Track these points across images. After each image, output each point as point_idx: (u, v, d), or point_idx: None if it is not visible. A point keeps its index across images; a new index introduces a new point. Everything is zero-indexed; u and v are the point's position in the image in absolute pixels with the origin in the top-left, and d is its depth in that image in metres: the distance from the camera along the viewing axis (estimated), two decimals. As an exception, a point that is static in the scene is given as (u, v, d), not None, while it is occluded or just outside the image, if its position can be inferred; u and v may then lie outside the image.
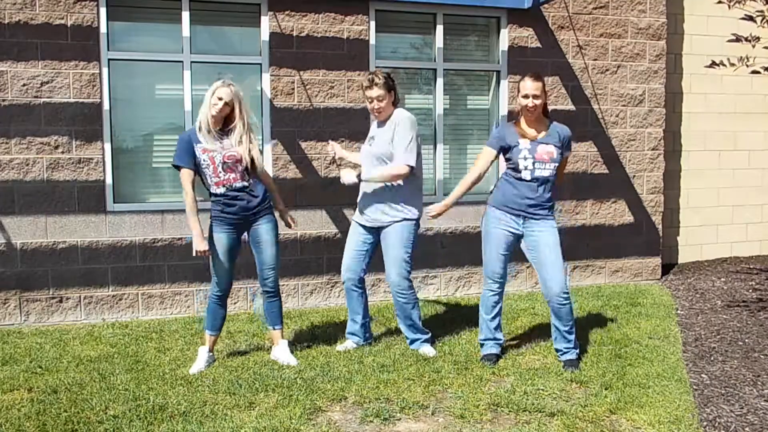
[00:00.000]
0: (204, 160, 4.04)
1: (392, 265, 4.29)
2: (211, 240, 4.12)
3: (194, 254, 4.05)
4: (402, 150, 4.18)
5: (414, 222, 4.32)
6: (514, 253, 4.25)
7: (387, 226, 4.30)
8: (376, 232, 4.39)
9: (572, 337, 4.15)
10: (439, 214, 4.28)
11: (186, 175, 4.04)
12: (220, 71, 5.57)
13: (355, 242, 4.44)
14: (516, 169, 4.09)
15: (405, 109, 4.37)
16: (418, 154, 4.30)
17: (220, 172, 4.03)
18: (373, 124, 4.49)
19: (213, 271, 4.15)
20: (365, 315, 4.53)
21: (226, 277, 4.15)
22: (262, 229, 4.15)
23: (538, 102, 4.00)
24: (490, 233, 4.17)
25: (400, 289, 4.30)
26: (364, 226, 4.41)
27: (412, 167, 4.21)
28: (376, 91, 4.20)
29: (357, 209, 4.49)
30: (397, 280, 4.28)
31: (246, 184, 4.09)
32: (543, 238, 4.06)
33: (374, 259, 4.53)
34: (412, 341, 4.46)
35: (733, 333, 4.95)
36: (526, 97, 4.00)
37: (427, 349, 4.39)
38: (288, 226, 4.40)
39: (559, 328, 4.14)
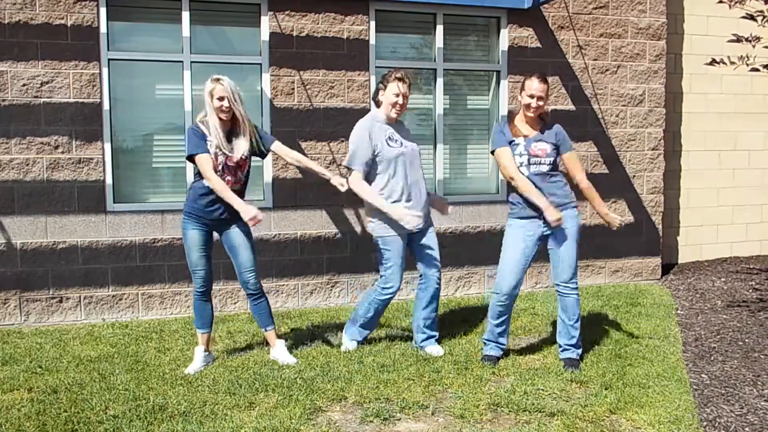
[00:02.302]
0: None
1: (437, 256, 4.40)
2: (185, 237, 4.12)
3: (251, 225, 3.93)
4: None
5: None
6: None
7: (428, 223, 4.42)
8: (407, 237, 4.39)
9: (576, 334, 4.16)
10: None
11: (205, 159, 3.95)
12: (220, 71, 5.57)
13: (403, 256, 4.33)
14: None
15: None
16: None
17: (219, 172, 4.02)
18: (389, 129, 4.29)
19: (191, 268, 4.15)
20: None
21: (205, 272, 4.14)
22: (234, 232, 4.12)
23: (541, 103, 4.05)
24: (508, 242, 4.16)
25: (440, 276, 4.43)
26: (407, 235, 4.34)
27: None
28: (406, 89, 4.26)
29: (398, 221, 4.19)
30: (439, 267, 4.42)
31: (236, 189, 4.05)
32: (560, 230, 4.10)
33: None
34: (425, 339, 4.45)
35: (733, 333, 4.95)
36: (531, 96, 4.03)
37: (435, 349, 4.40)
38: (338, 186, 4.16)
39: (564, 321, 4.16)
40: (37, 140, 5.25)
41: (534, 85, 4.02)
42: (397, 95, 4.19)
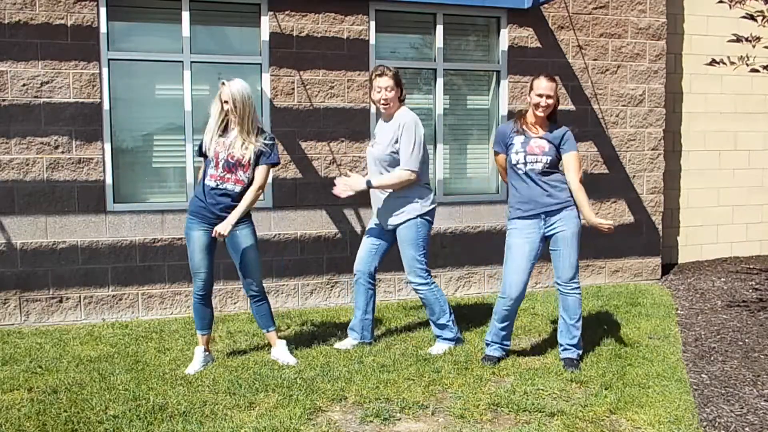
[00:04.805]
0: (211, 153, 4.08)
1: (405, 264, 4.40)
2: (188, 238, 4.10)
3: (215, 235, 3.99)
4: (406, 156, 4.23)
5: (421, 220, 4.35)
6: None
7: (398, 227, 4.37)
8: (392, 233, 4.44)
9: (577, 334, 4.16)
10: None
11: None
12: (220, 71, 5.57)
13: (368, 247, 4.50)
14: (512, 166, 4.16)
15: (409, 109, 4.40)
16: (424, 158, 4.33)
17: (220, 169, 4.04)
18: (378, 123, 4.51)
19: (192, 271, 4.12)
20: (366, 311, 4.53)
21: (206, 275, 4.12)
22: (241, 234, 4.09)
23: (550, 102, 4.08)
24: (511, 245, 4.16)
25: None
26: (381, 229, 4.50)
27: (416, 172, 4.25)
28: (385, 81, 4.26)
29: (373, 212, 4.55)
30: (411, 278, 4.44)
31: (237, 189, 4.06)
32: (561, 230, 4.11)
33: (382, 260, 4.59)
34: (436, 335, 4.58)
35: (733, 333, 4.95)
36: (540, 96, 4.06)
37: (435, 348, 4.43)
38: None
39: (565, 320, 4.17)
40: (37, 140, 5.25)
41: (543, 84, 4.06)
42: (379, 90, 4.29)
